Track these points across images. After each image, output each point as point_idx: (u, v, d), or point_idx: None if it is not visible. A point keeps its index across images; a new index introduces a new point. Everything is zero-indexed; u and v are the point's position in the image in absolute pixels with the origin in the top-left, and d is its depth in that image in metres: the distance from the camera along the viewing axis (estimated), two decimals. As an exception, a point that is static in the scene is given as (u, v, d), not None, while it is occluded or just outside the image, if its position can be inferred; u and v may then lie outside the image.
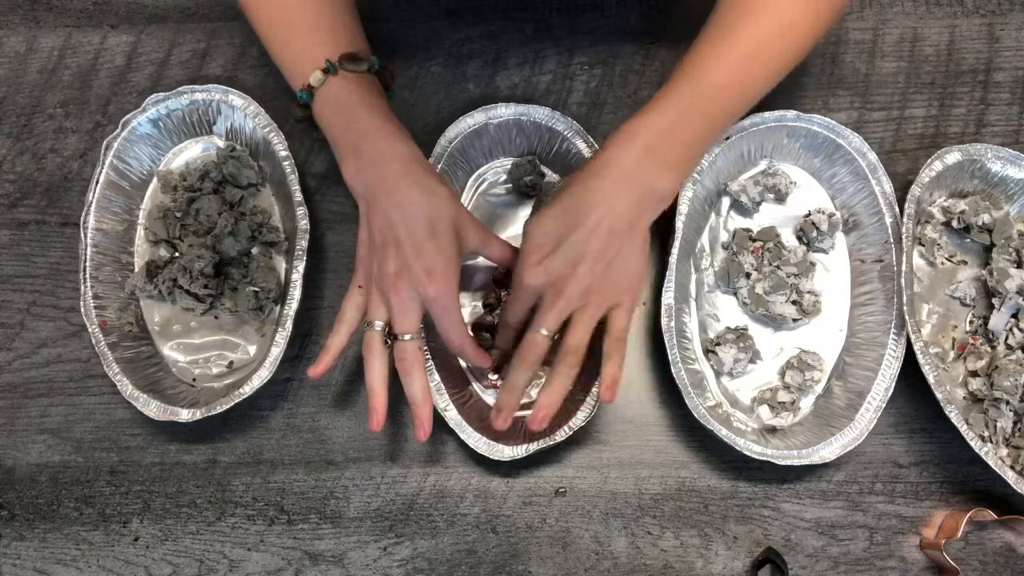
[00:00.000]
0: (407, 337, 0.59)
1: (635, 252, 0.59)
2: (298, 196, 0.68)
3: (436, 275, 0.58)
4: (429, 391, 0.61)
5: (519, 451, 0.63)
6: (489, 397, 0.68)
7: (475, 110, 0.70)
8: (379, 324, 0.60)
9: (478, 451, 0.63)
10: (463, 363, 0.68)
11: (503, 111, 0.70)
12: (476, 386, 0.68)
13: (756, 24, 0.59)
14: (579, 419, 0.63)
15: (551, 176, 0.72)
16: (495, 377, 0.68)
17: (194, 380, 0.69)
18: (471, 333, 0.66)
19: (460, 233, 0.60)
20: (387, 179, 0.59)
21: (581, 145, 0.69)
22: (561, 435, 0.63)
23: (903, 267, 0.65)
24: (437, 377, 0.64)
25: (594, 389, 0.63)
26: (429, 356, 0.64)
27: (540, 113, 0.70)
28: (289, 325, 0.65)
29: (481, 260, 0.69)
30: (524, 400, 0.66)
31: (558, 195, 0.59)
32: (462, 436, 0.64)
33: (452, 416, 0.64)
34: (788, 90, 0.75)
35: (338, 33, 0.63)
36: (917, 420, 0.68)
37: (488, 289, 0.69)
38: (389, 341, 0.60)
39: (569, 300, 0.57)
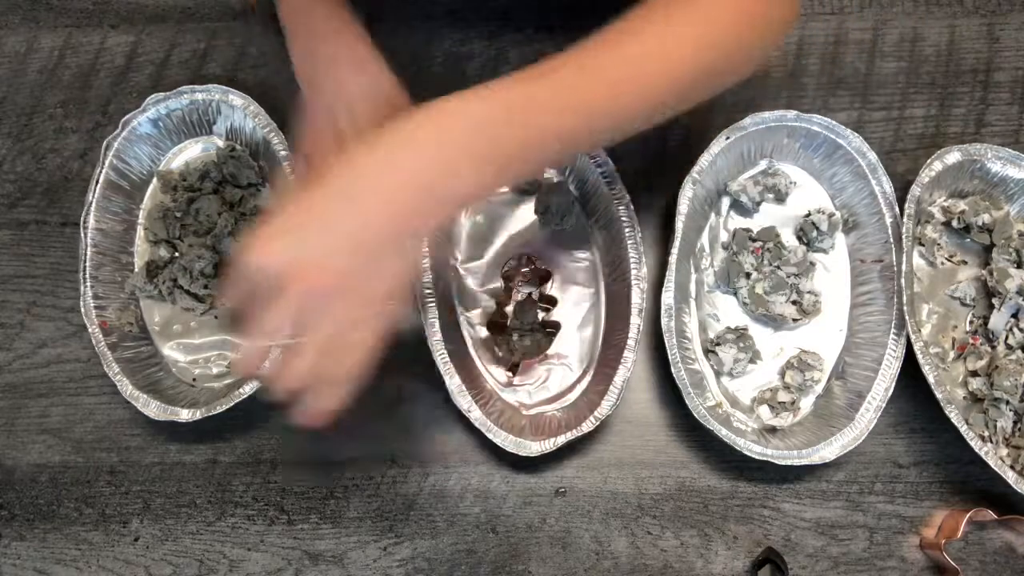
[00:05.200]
0: None
1: (400, 255, 0.48)
2: (298, 196, 0.68)
3: None
4: None
5: (547, 445, 0.63)
6: (509, 395, 0.68)
7: (475, 110, 0.70)
8: None
9: (506, 449, 0.63)
10: (479, 364, 0.68)
11: (503, 111, 0.70)
12: (495, 385, 0.68)
13: (621, 49, 0.51)
14: (604, 408, 0.63)
15: (550, 173, 0.72)
16: (509, 374, 0.68)
17: (194, 380, 0.69)
18: (486, 331, 0.69)
19: None
20: (341, 79, 0.59)
21: (581, 145, 0.69)
22: (587, 426, 0.63)
23: (903, 267, 0.65)
24: (458, 379, 0.64)
25: (616, 379, 0.63)
26: (448, 359, 0.64)
27: (540, 113, 0.70)
28: (289, 325, 0.65)
29: (487, 259, 0.70)
30: (546, 395, 0.68)
31: (337, 167, 0.47)
32: (488, 435, 0.63)
33: (476, 416, 0.63)
34: (788, 90, 0.75)
35: None
36: (917, 420, 0.68)
37: (499, 287, 0.70)
38: None
39: (310, 292, 0.45)
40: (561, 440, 0.63)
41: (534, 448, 0.63)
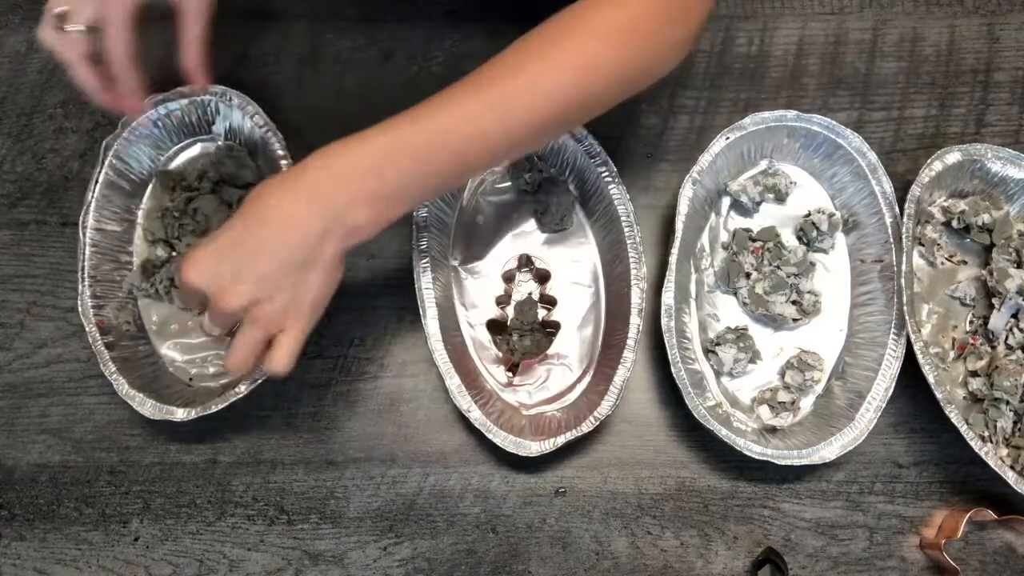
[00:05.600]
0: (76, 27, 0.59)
1: (314, 278, 0.53)
2: (298, 196, 0.67)
3: None
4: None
5: (547, 445, 0.63)
6: (508, 395, 0.68)
7: (475, 110, 0.70)
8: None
9: (506, 449, 0.63)
10: (479, 364, 0.68)
11: (503, 111, 0.70)
12: (495, 385, 0.68)
13: (506, 82, 0.53)
14: (604, 408, 0.63)
15: (549, 173, 0.72)
16: (509, 374, 0.68)
17: (191, 380, 0.69)
18: (486, 331, 0.69)
19: None
20: None
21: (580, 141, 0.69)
22: (587, 426, 0.63)
23: (903, 267, 0.65)
24: (458, 379, 0.64)
25: (616, 379, 0.63)
26: (448, 359, 0.64)
27: (540, 113, 0.70)
28: (289, 325, 0.65)
29: (487, 259, 0.70)
30: (546, 395, 0.68)
31: (251, 196, 0.54)
32: (488, 435, 0.63)
33: (476, 416, 0.63)
34: (788, 90, 0.75)
35: None
36: (917, 420, 0.68)
37: (500, 287, 0.70)
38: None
39: (226, 310, 0.53)
40: (561, 440, 0.63)
41: (534, 448, 0.63)
